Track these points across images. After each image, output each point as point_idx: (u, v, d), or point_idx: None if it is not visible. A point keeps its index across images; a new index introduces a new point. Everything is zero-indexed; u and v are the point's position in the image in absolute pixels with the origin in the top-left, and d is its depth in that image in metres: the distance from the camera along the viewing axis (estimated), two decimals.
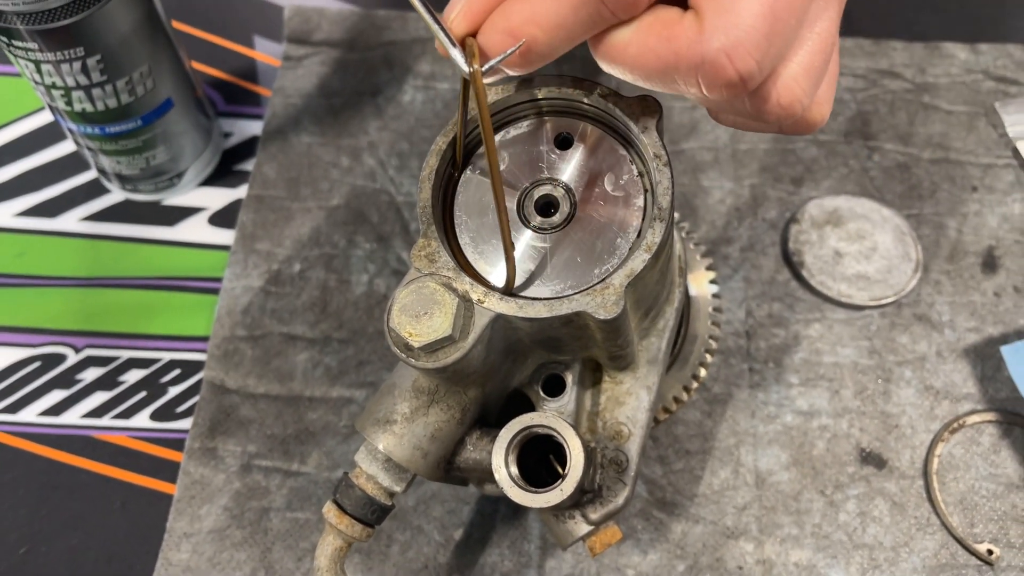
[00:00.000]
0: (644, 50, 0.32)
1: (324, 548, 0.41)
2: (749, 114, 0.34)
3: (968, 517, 0.52)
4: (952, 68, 0.67)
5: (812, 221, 0.60)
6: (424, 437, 0.40)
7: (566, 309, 0.35)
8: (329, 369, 0.56)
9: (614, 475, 0.43)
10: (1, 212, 0.64)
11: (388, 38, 0.71)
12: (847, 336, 0.57)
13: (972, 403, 0.55)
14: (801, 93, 0.33)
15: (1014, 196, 0.62)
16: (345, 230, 0.62)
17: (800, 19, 0.32)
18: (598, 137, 0.38)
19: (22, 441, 0.56)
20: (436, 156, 0.38)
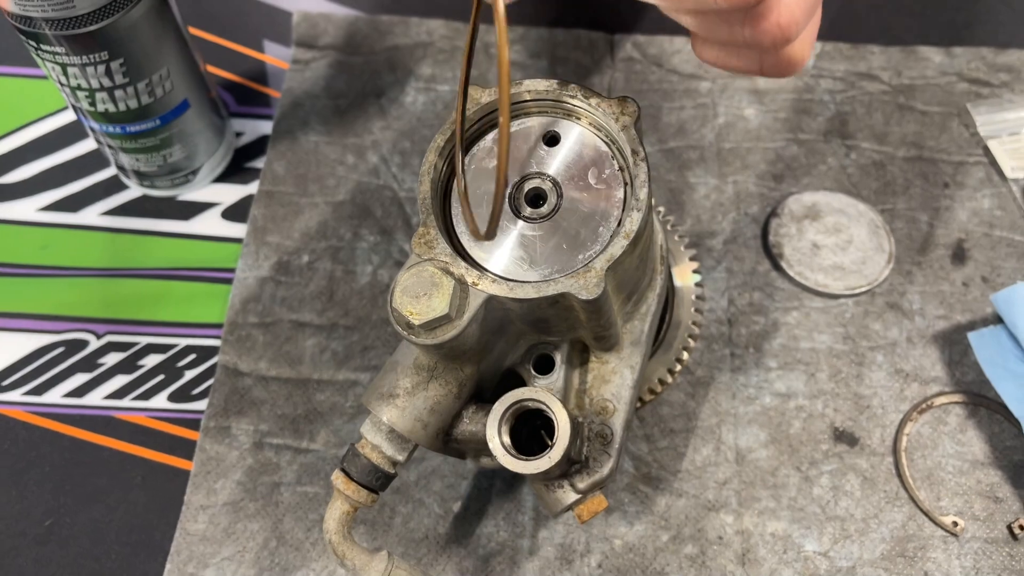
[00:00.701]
0: None
1: (332, 512, 0.44)
2: (742, 39, 0.35)
3: (934, 491, 0.55)
4: (927, 71, 0.71)
5: (791, 215, 0.64)
6: (424, 410, 0.43)
7: (552, 291, 0.38)
8: (336, 354, 0.60)
9: (600, 447, 0.46)
10: (26, 207, 0.68)
11: (391, 42, 0.74)
12: (823, 323, 0.60)
13: (940, 386, 0.58)
14: (800, 15, 0.35)
15: (984, 192, 0.65)
16: (350, 224, 0.66)
17: None
18: (582, 135, 0.42)
19: (47, 421, 0.60)
20: (435, 152, 0.42)
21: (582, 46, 0.73)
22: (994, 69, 0.71)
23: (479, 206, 0.42)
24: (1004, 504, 0.55)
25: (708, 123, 0.69)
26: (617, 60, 0.72)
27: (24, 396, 0.60)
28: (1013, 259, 0.63)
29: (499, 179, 0.37)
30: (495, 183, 0.37)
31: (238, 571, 0.53)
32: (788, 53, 0.37)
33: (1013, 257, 0.63)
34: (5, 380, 0.61)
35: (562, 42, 0.73)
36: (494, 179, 0.42)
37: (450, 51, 0.74)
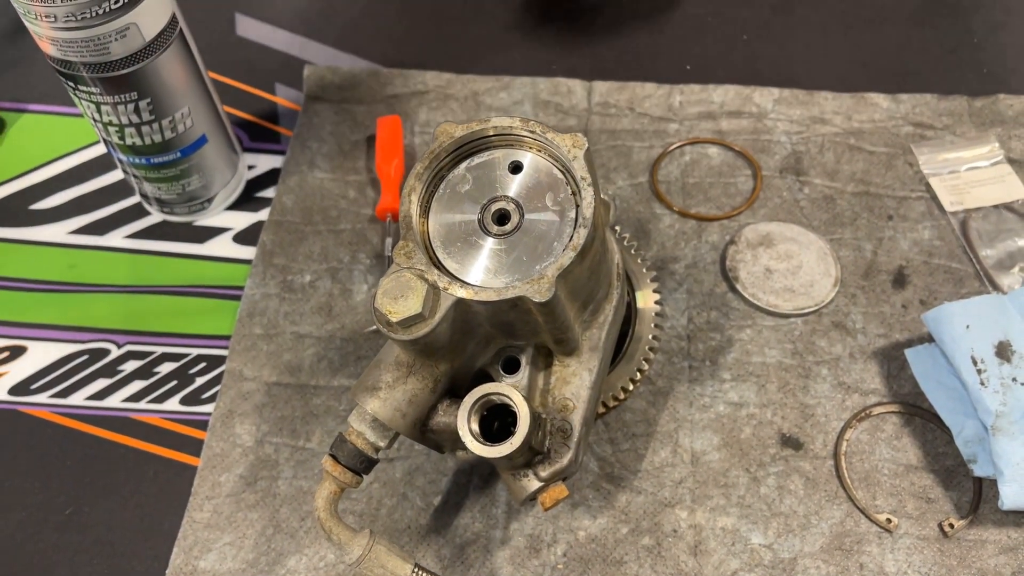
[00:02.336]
0: None
1: (321, 492, 0.50)
2: None
3: (871, 492, 0.60)
4: (875, 115, 0.78)
5: (747, 243, 0.70)
6: (403, 401, 0.49)
7: (510, 294, 0.45)
8: (332, 362, 0.66)
9: (560, 440, 0.52)
10: (57, 230, 0.75)
11: (391, 92, 0.82)
12: (774, 340, 0.66)
13: (878, 397, 0.64)
14: None
15: (924, 224, 0.72)
16: (349, 249, 0.73)
17: None
18: (541, 164, 0.49)
19: (71, 421, 0.66)
20: (415, 177, 0.49)
21: (561, 92, 0.80)
22: (937, 113, 0.78)
23: (452, 224, 0.49)
24: (936, 504, 0.60)
25: (675, 160, 0.76)
26: (593, 104, 0.80)
27: (50, 398, 0.67)
28: (950, 284, 0.69)
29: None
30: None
31: (238, 555, 0.59)
32: None
33: (950, 283, 0.69)
34: (34, 384, 0.67)
35: (544, 88, 0.80)
36: (467, 202, 0.49)
37: (443, 99, 0.81)
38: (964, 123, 0.77)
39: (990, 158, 0.74)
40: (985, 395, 0.58)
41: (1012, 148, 0.75)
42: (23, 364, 0.68)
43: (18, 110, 0.83)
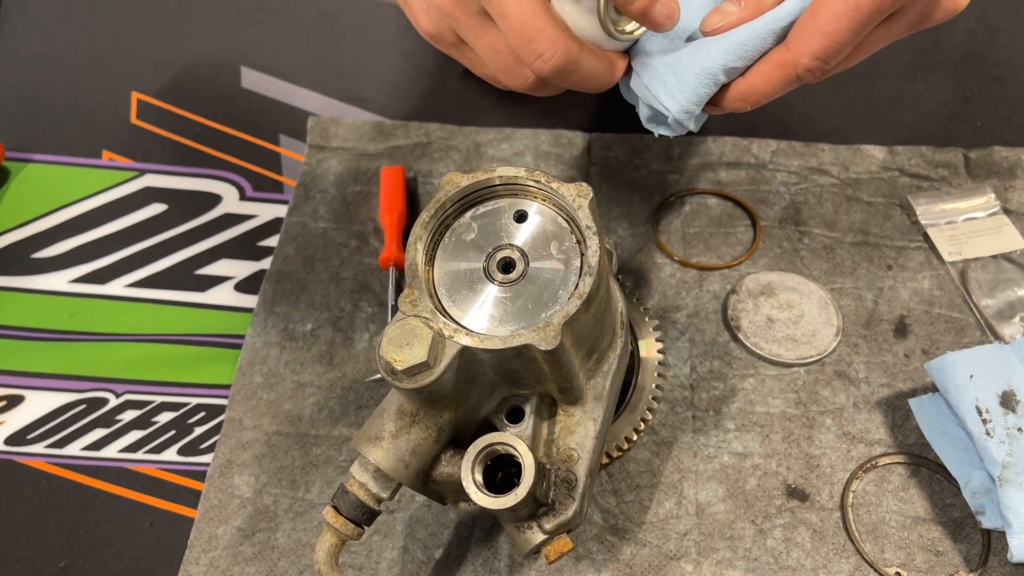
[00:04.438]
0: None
1: (322, 544, 0.49)
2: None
3: (879, 544, 0.60)
4: (872, 166, 0.79)
5: (749, 292, 0.71)
6: (406, 451, 0.49)
7: (516, 342, 0.44)
8: (333, 412, 0.66)
9: (565, 492, 0.52)
10: (58, 279, 0.75)
11: (393, 143, 0.83)
12: (777, 389, 0.66)
13: (884, 447, 0.63)
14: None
15: (924, 274, 0.72)
16: (351, 297, 0.73)
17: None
18: (546, 213, 0.49)
19: (66, 471, 0.65)
20: (421, 226, 0.49)
21: (562, 143, 0.81)
22: (933, 165, 0.79)
23: (457, 272, 0.49)
24: (945, 557, 0.59)
25: (675, 210, 0.77)
26: (594, 155, 0.81)
27: (46, 448, 0.66)
28: (951, 334, 0.69)
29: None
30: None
31: None
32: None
33: (951, 332, 0.69)
34: (30, 434, 0.66)
35: (545, 140, 0.82)
36: (472, 251, 0.49)
37: (445, 150, 0.82)
38: (960, 175, 0.78)
39: (987, 209, 0.75)
40: (991, 445, 0.58)
41: (1008, 199, 0.76)
42: (20, 413, 0.67)
43: (22, 160, 0.83)
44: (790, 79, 0.50)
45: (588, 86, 0.52)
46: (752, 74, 0.51)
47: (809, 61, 0.49)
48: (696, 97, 0.52)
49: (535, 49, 0.48)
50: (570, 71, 0.50)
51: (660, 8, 0.48)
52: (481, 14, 0.50)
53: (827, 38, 0.48)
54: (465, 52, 0.55)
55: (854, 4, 0.47)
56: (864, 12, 0.47)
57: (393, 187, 0.77)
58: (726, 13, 0.52)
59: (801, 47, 0.49)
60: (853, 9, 0.47)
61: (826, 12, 0.47)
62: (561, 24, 0.50)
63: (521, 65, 0.51)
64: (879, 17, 0.48)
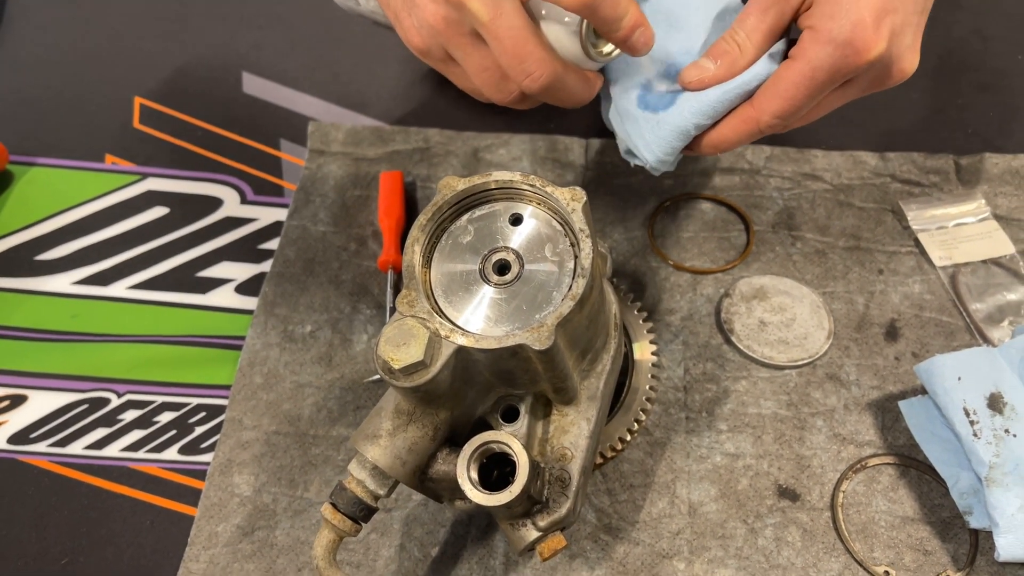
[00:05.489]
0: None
1: (320, 540, 0.50)
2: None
3: (868, 544, 0.60)
4: (864, 172, 0.80)
5: (742, 296, 0.72)
6: (403, 449, 0.50)
7: (511, 342, 0.46)
8: (331, 412, 0.67)
9: (559, 490, 0.53)
10: (61, 281, 0.76)
11: (392, 148, 0.84)
12: (769, 391, 0.67)
13: (874, 448, 0.64)
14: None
15: (914, 278, 0.73)
16: (350, 300, 0.74)
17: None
18: (540, 216, 0.50)
19: (69, 470, 0.66)
20: (419, 229, 0.50)
21: (559, 149, 0.82)
22: (924, 171, 0.80)
23: (453, 274, 0.50)
24: (933, 556, 0.60)
25: (670, 215, 0.78)
26: (590, 160, 0.82)
27: (49, 447, 0.67)
28: (941, 337, 0.70)
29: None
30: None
31: None
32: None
33: (941, 336, 0.70)
34: (33, 433, 0.67)
35: (542, 145, 0.83)
36: (468, 253, 0.50)
37: (443, 155, 0.83)
38: (951, 181, 0.79)
39: (977, 214, 0.76)
40: (978, 446, 0.59)
41: (998, 205, 0.77)
42: (23, 413, 0.68)
43: (26, 163, 0.85)
44: (753, 132, 0.57)
45: (569, 102, 0.56)
46: (722, 126, 0.58)
47: (770, 119, 0.55)
48: (670, 149, 0.58)
49: (525, 69, 0.51)
50: (555, 88, 0.53)
51: (638, 36, 0.53)
52: (472, 34, 0.53)
53: (785, 101, 0.54)
54: (452, 68, 0.57)
55: (809, 75, 0.53)
56: (818, 82, 0.53)
57: (392, 191, 0.78)
58: (703, 68, 0.56)
59: (763, 107, 0.55)
60: (808, 79, 0.53)
61: (786, 79, 0.54)
62: (548, 45, 0.53)
63: (507, 81, 0.54)
64: (832, 86, 0.54)
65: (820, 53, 0.52)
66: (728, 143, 0.58)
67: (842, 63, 0.52)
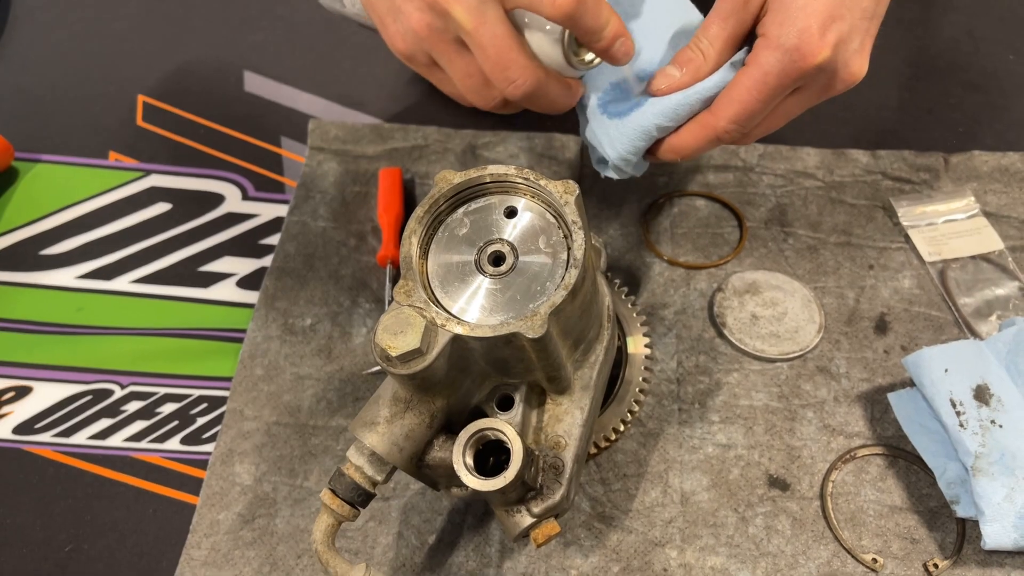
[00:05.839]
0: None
1: (319, 525, 0.51)
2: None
3: (857, 532, 0.62)
4: (856, 170, 0.81)
5: (734, 290, 0.73)
6: (400, 436, 0.51)
7: (505, 330, 0.47)
8: (331, 403, 0.68)
9: (553, 477, 0.54)
10: (66, 275, 0.78)
11: (391, 145, 0.86)
12: (760, 383, 0.68)
13: (863, 439, 0.66)
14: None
15: (904, 273, 0.74)
16: (350, 294, 0.75)
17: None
18: (535, 209, 0.52)
19: (73, 459, 0.67)
20: (416, 221, 0.51)
21: (555, 146, 0.84)
22: (914, 169, 0.81)
23: (450, 265, 0.51)
24: (920, 545, 0.61)
25: (664, 211, 0.79)
26: (586, 159, 0.83)
27: (53, 437, 0.68)
28: (929, 331, 0.71)
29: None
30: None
31: None
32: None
33: (929, 329, 0.71)
34: (38, 423, 0.69)
35: (539, 143, 0.84)
36: (464, 245, 0.51)
37: (442, 152, 0.85)
38: (941, 178, 0.80)
39: (966, 211, 0.77)
40: (964, 436, 0.60)
41: (987, 202, 0.78)
42: (28, 404, 0.70)
43: (31, 160, 0.86)
44: (711, 138, 0.59)
45: (550, 109, 0.58)
46: (682, 132, 0.60)
47: (726, 124, 0.57)
48: (633, 148, 0.60)
49: (508, 76, 0.53)
50: (537, 95, 0.55)
51: (619, 46, 0.55)
52: (456, 41, 0.54)
53: (740, 105, 0.56)
54: (437, 73, 0.59)
55: (761, 80, 0.55)
56: (769, 87, 0.55)
57: (391, 188, 0.79)
58: (670, 76, 0.59)
59: (720, 112, 0.57)
60: (760, 84, 0.55)
61: (739, 85, 0.56)
62: (531, 53, 0.55)
63: (490, 88, 0.56)
64: (782, 91, 0.56)
65: (770, 59, 0.54)
66: (687, 148, 0.60)
67: (791, 67, 0.54)
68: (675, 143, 0.60)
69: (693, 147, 0.60)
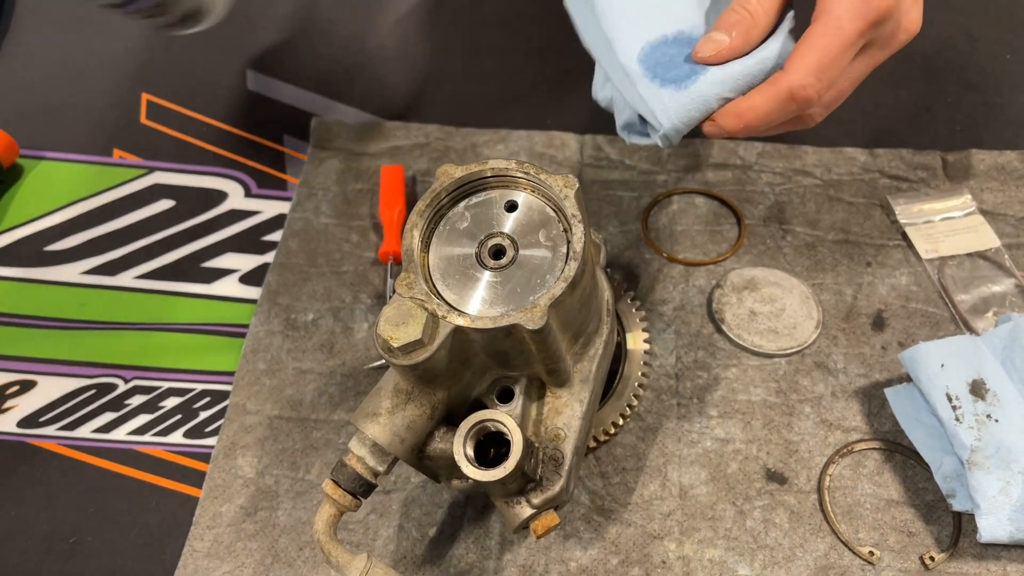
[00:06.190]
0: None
1: (321, 515, 0.52)
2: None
3: (853, 525, 0.62)
4: (853, 168, 0.82)
5: (733, 287, 0.74)
6: (402, 427, 0.52)
7: (505, 322, 0.47)
8: (332, 397, 0.69)
9: (552, 468, 0.54)
10: (70, 271, 0.78)
11: (393, 143, 0.86)
12: (758, 378, 0.69)
13: (860, 434, 0.66)
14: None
15: (901, 270, 0.75)
16: (351, 289, 0.76)
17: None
18: (535, 203, 0.52)
19: (77, 453, 0.68)
20: (418, 214, 0.52)
21: (555, 144, 0.84)
22: (912, 167, 0.82)
23: (451, 258, 0.52)
24: (917, 538, 0.62)
25: (663, 209, 0.80)
26: (586, 156, 0.84)
27: (58, 431, 0.69)
28: (927, 328, 0.72)
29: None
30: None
31: None
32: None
33: (926, 326, 0.72)
34: (42, 417, 0.69)
35: (539, 141, 0.85)
36: (465, 238, 0.52)
37: (443, 150, 0.85)
38: (938, 176, 0.81)
39: (963, 209, 0.78)
40: (960, 431, 0.61)
41: (984, 200, 0.79)
42: (33, 398, 0.70)
43: (36, 157, 0.87)
44: (784, 97, 0.53)
45: None
46: (751, 95, 0.55)
47: (803, 77, 0.53)
48: (688, 118, 0.55)
49: None
50: None
51: None
52: None
53: (818, 54, 0.52)
54: None
55: (836, 28, 0.53)
56: (846, 34, 0.53)
57: (392, 185, 0.80)
58: (717, 42, 0.55)
59: (796, 65, 0.53)
60: (836, 31, 0.53)
61: (812, 36, 0.53)
62: None
63: None
64: (859, 41, 0.54)
65: (842, 6, 0.52)
66: (757, 112, 0.54)
67: (866, 10, 0.52)
68: (743, 108, 0.54)
69: (764, 111, 0.54)
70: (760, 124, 0.55)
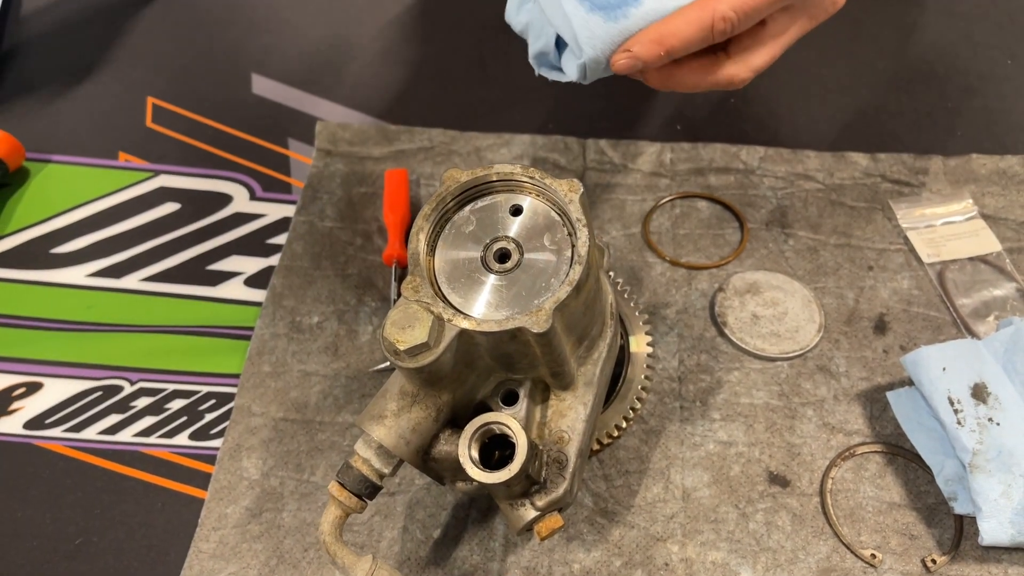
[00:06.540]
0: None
1: (327, 516, 0.52)
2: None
3: (856, 528, 0.62)
4: (855, 172, 0.82)
5: (735, 290, 0.74)
6: (407, 429, 0.52)
7: (510, 325, 0.48)
8: (337, 400, 0.69)
9: (556, 471, 0.55)
10: (76, 273, 0.79)
11: (397, 147, 0.87)
12: (761, 382, 0.69)
13: (862, 437, 0.67)
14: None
15: (903, 274, 0.75)
16: (356, 292, 0.76)
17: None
18: (540, 207, 0.53)
19: (83, 454, 0.68)
20: (424, 218, 0.52)
21: (558, 148, 0.85)
22: (913, 171, 0.82)
23: (457, 261, 0.52)
24: (919, 541, 0.62)
25: (666, 213, 0.80)
26: (589, 160, 0.84)
27: (64, 433, 0.69)
28: (928, 331, 0.72)
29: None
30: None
31: None
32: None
33: (928, 330, 0.72)
34: (48, 419, 0.70)
35: (542, 145, 0.85)
36: (470, 242, 0.53)
37: (446, 154, 0.86)
38: (939, 181, 0.81)
39: (965, 213, 0.78)
40: (962, 434, 0.61)
41: (985, 204, 0.79)
42: (39, 399, 0.71)
43: (42, 160, 0.87)
44: (706, 23, 0.53)
45: None
46: (673, 17, 0.53)
47: (726, 8, 0.53)
48: (614, 46, 0.54)
49: None
50: None
51: None
52: None
53: None
54: None
55: None
56: None
57: (397, 188, 0.80)
58: None
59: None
60: None
61: None
62: None
63: None
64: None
65: None
66: (677, 36, 0.53)
67: None
68: (665, 32, 0.53)
69: (685, 35, 0.53)
70: (680, 50, 0.54)
